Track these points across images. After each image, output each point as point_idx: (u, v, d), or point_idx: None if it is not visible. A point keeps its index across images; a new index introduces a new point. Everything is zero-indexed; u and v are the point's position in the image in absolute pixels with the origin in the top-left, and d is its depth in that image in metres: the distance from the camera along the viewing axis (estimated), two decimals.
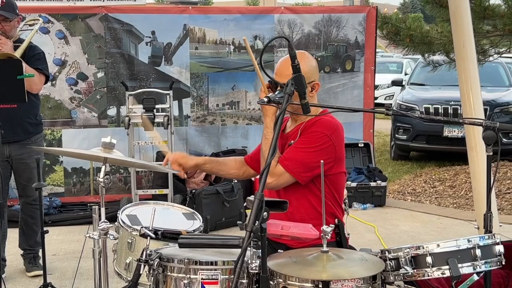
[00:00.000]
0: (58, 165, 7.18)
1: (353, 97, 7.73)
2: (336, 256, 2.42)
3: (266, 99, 2.70)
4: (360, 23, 7.71)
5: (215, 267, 2.55)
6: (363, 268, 2.38)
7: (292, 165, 2.98)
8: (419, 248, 2.42)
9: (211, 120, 7.62)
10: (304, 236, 2.56)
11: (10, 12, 4.79)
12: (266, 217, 2.22)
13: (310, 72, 3.10)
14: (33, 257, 5.17)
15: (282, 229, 2.57)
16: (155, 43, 7.32)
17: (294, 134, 3.13)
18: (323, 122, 3.08)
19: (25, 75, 4.20)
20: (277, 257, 2.51)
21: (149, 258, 2.65)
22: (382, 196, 7.39)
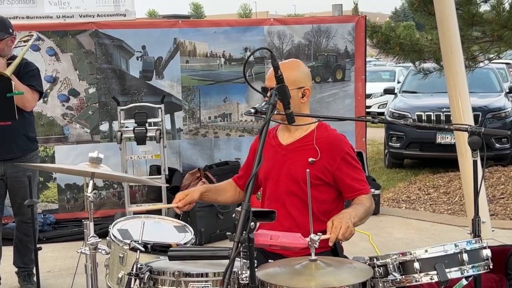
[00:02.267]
0: (51, 182, 7.18)
1: (344, 106, 7.76)
2: (325, 264, 2.43)
3: (253, 110, 2.72)
4: (350, 32, 7.76)
5: (206, 278, 2.55)
6: (352, 275, 2.38)
7: (368, 186, 3.14)
8: (407, 254, 2.43)
9: (203, 133, 7.64)
10: (293, 245, 2.57)
11: (1, 32, 4.81)
12: (253, 227, 2.23)
13: (301, 77, 3.16)
14: (28, 274, 5.16)
15: (271, 239, 2.58)
16: (146, 57, 7.35)
17: (303, 149, 3.14)
18: (342, 139, 3.21)
19: (15, 92, 4.21)
20: (266, 267, 2.52)
21: (140, 272, 2.65)
22: (376, 204, 7.39)
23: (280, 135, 3.25)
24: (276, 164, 3.16)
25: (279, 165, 3.16)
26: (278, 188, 3.17)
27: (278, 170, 3.15)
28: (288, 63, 3.24)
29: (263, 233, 2.63)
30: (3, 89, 4.12)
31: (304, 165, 3.06)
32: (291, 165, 3.13)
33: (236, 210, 2.28)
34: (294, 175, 3.11)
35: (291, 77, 3.08)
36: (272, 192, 3.22)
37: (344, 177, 3.09)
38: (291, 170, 3.12)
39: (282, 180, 3.15)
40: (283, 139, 3.23)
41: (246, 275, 2.46)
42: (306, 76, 3.20)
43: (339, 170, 3.09)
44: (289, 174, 3.13)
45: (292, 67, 3.19)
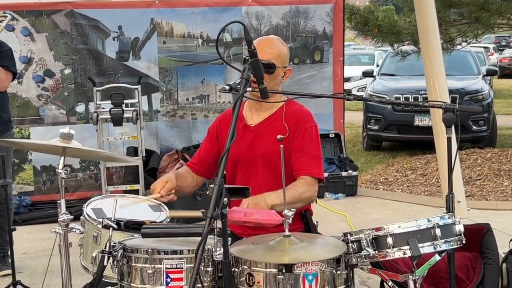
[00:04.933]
0: (27, 164, 7.11)
1: (322, 88, 7.75)
2: (298, 240, 2.43)
3: (228, 87, 2.70)
4: (328, 14, 7.73)
5: (180, 256, 2.52)
6: (325, 250, 2.39)
7: (318, 171, 3.01)
8: (380, 230, 2.43)
9: (181, 115, 7.59)
10: (268, 222, 2.56)
11: None
12: (226, 203, 2.22)
13: (287, 57, 3.15)
14: (3, 256, 5.11)
15: (245, 216, 2.57)
16: (122, 38, 7.27)
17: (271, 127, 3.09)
18: (307, 114, 3.13)
19: None
20: (240, 244, 2.51)
21: (113, 250, 2.62)
22: (353, 185, 7.43)
23: (248, 115, 3.20)
24: (246, 146, 3.11)
25: (249, 146, 3.11)
26: (250, 169, 3.13)
27: (249, 152, 3.11)
28: (278, 39, 3.19)
29: (237, 210, 2.63)
30: None
31: (273, 142, 3.04)
32: (261, 145, 3.10)
33: (210, 186, 2.26)
34: (265, 153, 3.07)
35: (282, 53, 3.10)
36: (243, 173, 3.17)
37: (294, 152, 3.02)
38: (262, 149, 3.08)
39: (254, 161, 3.11)
40: (251, 119, 3.18)
41: (220, 252, 2.44)
42: (289, 56, 3.20)
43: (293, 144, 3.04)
44: (260, 154, 3.09)
45: (283, 43, 3.17)
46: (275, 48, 3.09)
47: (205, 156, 3.29)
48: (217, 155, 3.22)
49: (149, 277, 2.50)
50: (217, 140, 3.26)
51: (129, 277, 2.56)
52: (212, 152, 3.26)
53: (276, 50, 3.07)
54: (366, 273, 2.66)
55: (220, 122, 3.30)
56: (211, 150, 3.27)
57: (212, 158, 3.26)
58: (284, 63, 3.12)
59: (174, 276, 2.48)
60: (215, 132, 3.29)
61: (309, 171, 2.98)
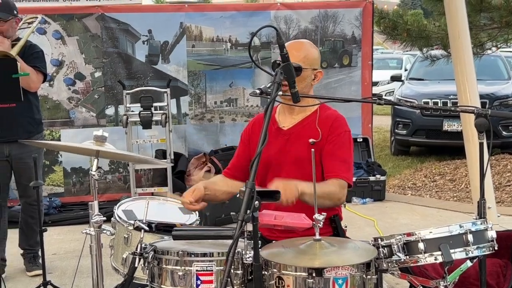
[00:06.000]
0: (57, 165, 7.19)
1: (350, 92, 7.73)
2: (329, 244, 2.43)
3: (258, 91, 2.71)
4: (357, 18, 7.72)
5: (210, 258, 2.53)
6: (356, 255, 2.38)
7: (348, 176, 3.01)
8: (411, 235, 2.42)
9: (209, 118, 7.63)
10: (298, 225, 2.56)
11: (5, 13, 4.80)
12: (257, 206, 2.23)
13: (317, 59, 3.15)
14: (33, 256, 5.18)
15: (275, 219, 2.57)
16: (152, 41, 7.33)
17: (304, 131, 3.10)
18: (341, 119, 3.12)
19: (20, 73, 4.20)
20: (270, 247, 2.52)
21: (144, 251, 2.65)
22: (381, 190, 7.39)
23: (280, 119, 3.20)
24: (278, 149, 3.12)
25: (281, 150, 3.11)
26: (281, 172, 3.13)
27: (281, 155, 3.11)
28: (308, 42, 3.21)
29: (267, 213, 2.63)
30: (9, 70, 4.10)
31: (306, 146, 3.04)
32: (293, 148, 3.10)
33: (240, 189, 2.27)
34: (297, 157, 3.07)
35: (311, 56, 3.10)
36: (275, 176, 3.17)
37: (325, 156, 3.02)
38: (294, 153, 3.09)
39: (286, 164, 3.12)
40: (283, 122, 3.18)
41: (250, 255, 2.45)
42: (320, 59, 3.19)
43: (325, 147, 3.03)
44: (292, 157, 3.10)
45: (313, 46, 3.18)
46: (302, 50, 3.09)
47: (238, 161, 3.30)
48: (250, 159, 3.22)
49: (179, 279, 2.52)
50: (249, 144, 3.27)
51: (159, 279, 2.58)
52: (245, 156, 3.27)
53: (302, 53, 3.07)
54: (394, 279, 2.66)
55: (252, 126, 3.31)
56: (244, 155, 3.28)
57: (246, 162, 3.25)
58: (313, 65, 3.11)
59: (204, 279, 2.50)
60: (247, 136, 3.30)
61: (340, 174, 2.98)
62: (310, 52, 3.12)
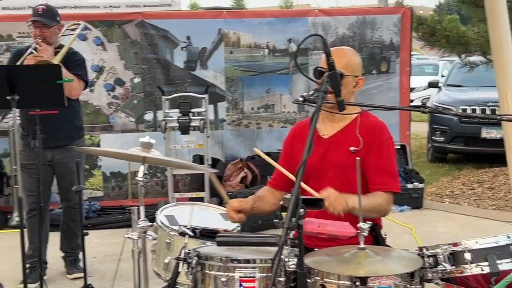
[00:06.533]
0: (97, 170, 7.30)
1: (388, 99, 7.68)
2: (374, 253, 2.42)
3: (301, 98, 2.71)
4: (395, 24, 7.68)
5: (253, 265, 2.54)
6: (401, 264, 2.37)
7: (394, 185, 3.01)
8: (458, 245, 2.40)
9: (246, 124, 7.66)
10: (341, 234, 2.56)
11: (49, 19, 4.89)
12: (302, 214, 2.23)
13: (359, 66, 3.16)
14: (74, 259, 5.25)
15: (319, 227, 2.58)
16: (190, 48, 7.40)
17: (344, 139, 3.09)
18: (383, 126, 3.13)
19: (64, 79, 4.27)
20: (314, 255, 2.52)
21: (188, 257, 2.67)
22: (419, 198, 7.32)
23: (321, 127, 3.17)
24: (319, 157, 3.10)
25: (322, 158, 3.10)
26: (323, 180, 3.12)
27: (321, 163, 3.09)
28: (350, 49, 3.21)
29: (310, 221, 2.63)
30: (53, 76, 4.18)
31: (346, 154, 3.03)
32: (333, 156, 3.09)
33: (284, 197, 2.28)
34: (337, 165, 3.06)
35: (352, 63, 3.11)
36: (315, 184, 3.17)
37: (370, 167, 2.98)
38: (334, 161, 3.08)
39: (326, 172, 3.10)
40: (323, 130, 3.17)
41: (293, 262, 2.46)
42: (361, 65, 3.19)
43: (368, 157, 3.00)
44: (332, 165, 3.09)
45: (354, 53, 3.18)
46: (344, 57, 3.08)
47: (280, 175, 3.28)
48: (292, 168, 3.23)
49: (222, 284, 2.53)
50: (291, 153, 3.26)
51: (202, 284, 2.60)
52: (288, 166, 3.25)
53: (344, 59, 3.07)
54: None
55: (293, 134, 3.31)
56: (286, 164, 3.26)
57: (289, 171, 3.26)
58: (354, 72, 3.11)
59: (247, 285, 2.51)
60: (289, 144, 3.30)
61: (385, 186, 2.98)
62: (352, 59, 3.12)
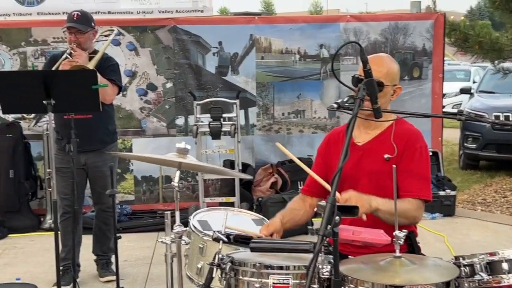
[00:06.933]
0: (128, 174, 7.37)
1: (420, 105, 7.62)
2: (409, 262, 2.40)
3: (336, 105, 2.71)
4: (428, 30, 7.62)
5: (287, 271, 2.54)
6: (437, 274, 2.34)
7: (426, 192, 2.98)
8: (495, 255, 2.38)
9: (276, 129, 7.67)
10: (376, 241, 2.55)
11: (84, 25, 4.96)
12: (338, 221, 2.22)
13: (397, 75, 3.13)
14: (106, 262, 5.30)
15: (353, 234, 2.57)
16: (222, 53, 7.44)
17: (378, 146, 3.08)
18: (417, 134, 3.10)
19: (100, 85, 4.32)
20: (348, 262, 2.51)
21: (221, 262, 2.68)
22: (451, 205, 7.24)
23: (355, 133, 3.16)
24: (353, 164, 3.09)
25: (356, 165, 3.09)
26: (357, 187, 3.11)
27: (356, 170, 3.08)
28: (388, 57, 3.20)
29: (345, 228, 2.62)
30: (89, 81, 4.23)
31: (381, 161, 3.02)
32: (368, 163, 3.08)
33: (319, 204, 2.28)
34: (371, 172, 3.05)
35: (392, 71, 3.09)
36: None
37: (402, 173, 2.90)
38: (368, 168, 3.06)
39: (360, 179, 3.09)
40: (358, 137, 3.15)
41: (327, 269, 2.45)
42: (399, 74, 3.17)
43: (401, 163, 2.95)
44: (366, 172, 3.08)
45: (393, 61, 3.15)
46: (384, 66, 3.07)
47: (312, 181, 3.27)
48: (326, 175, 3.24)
49: None
50: (325, 160, 3.26)
51: None
52: (321, 173, 3.26)
53: (385, 68, 3.06)
54: None
55: (328, 141, 3.30)
56: (320, 171, 3.26)
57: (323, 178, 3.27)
58: (393, 81, 3.09)
59: None
60: (323, 151, 3.30)
61: (416, 194, 2.95)
62: (391, 68, 3.10)
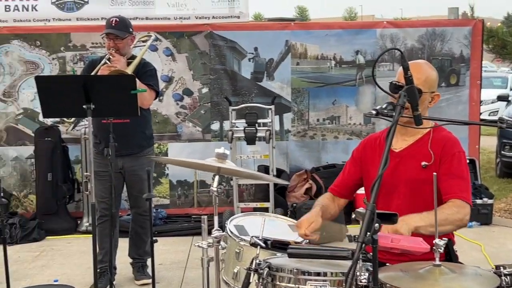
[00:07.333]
0: (164, 178, 7.43)
1: (457, 112, 7.53)
2: (449, 271, 2.38)
3: (374, 112, 2.70)
4: (466, 36, 7.55)
5: (324, 278, 2.54)
6: (477, 283, 2.32)
7: (466, 195, 2.95)
8: None
9: (311, 135, 7.66)
10: (415, 249, 2.53)
11: (122, 31, 5.03)
12: (377, 228, 2.22)
13: (435, 82, 3.13)
14: (142, 266, 5.34)
15: (392, 242, 2.55)
16: (258, 59, 7.47)
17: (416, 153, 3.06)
18: (455, 140, 3.08)
19: (138, 89, 4.37)
20: (387, 270, 2.49)
21: (259, 267, 2.69)
22: (488, 214, 7.14)
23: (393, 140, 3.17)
24: (390, 171, 3.07)
25: (392, 172, 3.07)
26: (393, 193, 3.10)
27: (392, 177, 3.06)
28: (426, 63, 3.19)
29: (383, 235, 2.61)
30: (128, 86, 4.28)
31: (418, 169, 3.00)
32: (404, 170, 3.07)
33: (357, 211, 2.27)
34: (408, 179, 3.04)
35: (430, 78, 3.08)
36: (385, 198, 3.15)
37: (442, 176, 2.92)
38: (405, 175, 3.05)
39: (397, 186, 3.08)
40: (395, 144, 3.13)
41: (365, 276, 2.44)
42: (437, 81, 3.17)
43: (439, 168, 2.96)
44: (403, 180, 3.06)
45: (431, 68, 3.14)
46: (423, 73, 3.06)
47: (347, 179, 3.33)
48: (358, 178, 3.26)
49: None
50: (360, 164, 3.27)
51: None
52: (354, 175, 3.28)
53: (423, 75, 3.04)
54: None
55: (365, 146, 3.30)
56: (353, 173, 3.29)
57: (354, 181, 3.30)
58: (431, 88, 3.09)
59: None
60: (359, 155, 3.30)
61: (458, 195, 2.92)
62: (430, 75, 3.09)
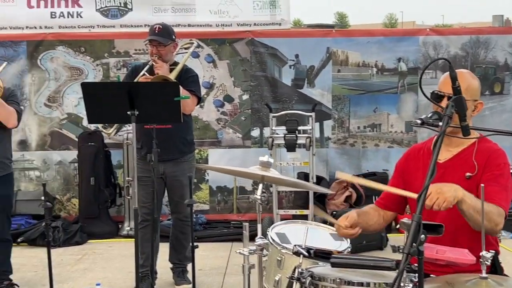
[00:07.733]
0: (204, 183, 7.48)
1: (501, 121, 7.40)
2: (496, 283, 2.35)
3: (419, 121, 2.68)
4: (510, 44, 7.44)
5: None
6: None
7: (505, 204, 2.91)
8: None
9: (351, 142, 7.62)
10: (461, 261, 2.50)
11: (165, 38, 5.08)
12: (423, 239, 2.19)
13: (478, 90, 3.10)
14: (182, 271, 5.37)
15: (437, 253, 2.53)
16: (299, 66, 7.47)
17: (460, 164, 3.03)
18: (500, 152, 3.04)
19: (182, 96, 4.41)
20: (432, 282, 2.47)
21: (301, 276, 2.69)
22: None
23: None
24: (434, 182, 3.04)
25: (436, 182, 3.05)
26: None
27: None
28: (469, 72, 3.17)
29: (428, 246, 2.58)
30: (172, 93, 4.33)
31: (462, 180, 2.96)
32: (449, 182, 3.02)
33: (402, 221, 2.26)
34: None
35: (472, 87, 3.06)
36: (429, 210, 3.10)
37: (484, 182, 2.84)
38: None
39: None
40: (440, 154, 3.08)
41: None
42: (480, 90, 3.13)
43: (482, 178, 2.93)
44: None
45: (473, 77, 3.12)
46: (464, 81, 3.01)
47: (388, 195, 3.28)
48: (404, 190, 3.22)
49: None
50: (403, 175, 3.24)
51: None
52: (397, 187, 3.24)
53: (465, 84, 3.00)
54: None
55: (407, 157, 3.28)
56: (396, 185, 3.24)
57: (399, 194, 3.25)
58: (474, 96, 3.05)
59: None
60: (401, 167, 3.28)
61: (498, 202, 2.87)
62: (471, 83, 3.07)
